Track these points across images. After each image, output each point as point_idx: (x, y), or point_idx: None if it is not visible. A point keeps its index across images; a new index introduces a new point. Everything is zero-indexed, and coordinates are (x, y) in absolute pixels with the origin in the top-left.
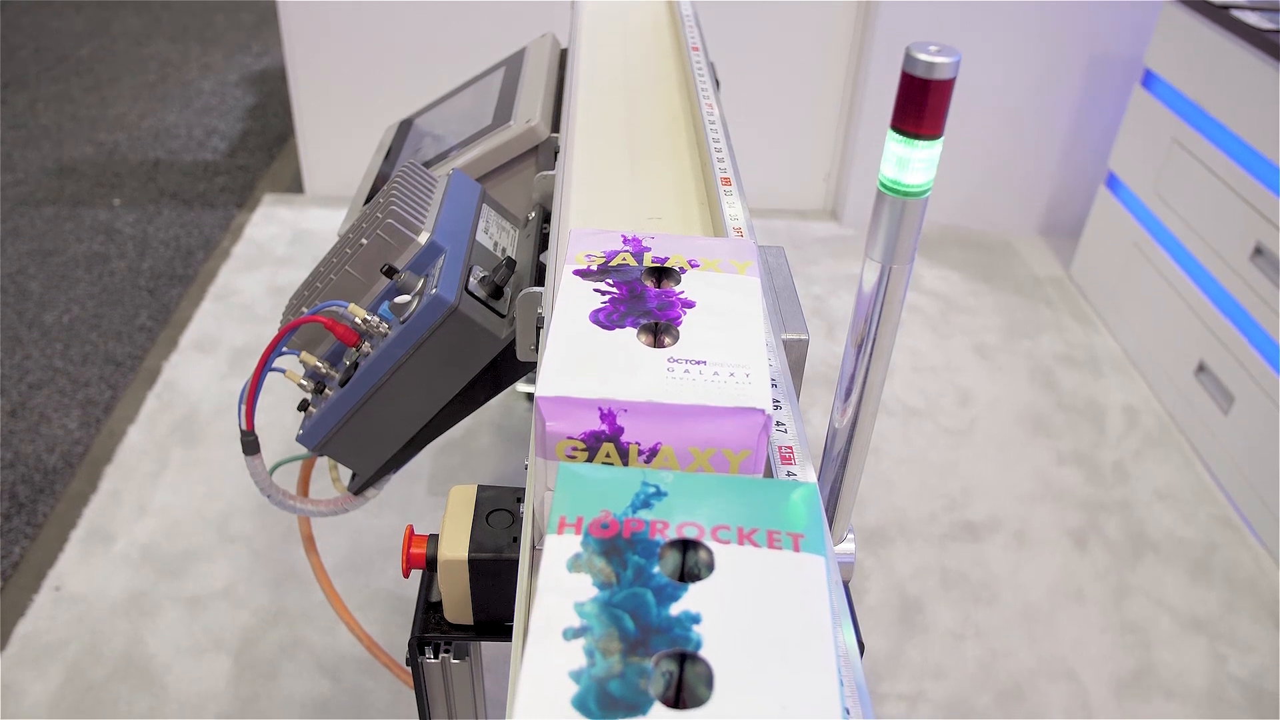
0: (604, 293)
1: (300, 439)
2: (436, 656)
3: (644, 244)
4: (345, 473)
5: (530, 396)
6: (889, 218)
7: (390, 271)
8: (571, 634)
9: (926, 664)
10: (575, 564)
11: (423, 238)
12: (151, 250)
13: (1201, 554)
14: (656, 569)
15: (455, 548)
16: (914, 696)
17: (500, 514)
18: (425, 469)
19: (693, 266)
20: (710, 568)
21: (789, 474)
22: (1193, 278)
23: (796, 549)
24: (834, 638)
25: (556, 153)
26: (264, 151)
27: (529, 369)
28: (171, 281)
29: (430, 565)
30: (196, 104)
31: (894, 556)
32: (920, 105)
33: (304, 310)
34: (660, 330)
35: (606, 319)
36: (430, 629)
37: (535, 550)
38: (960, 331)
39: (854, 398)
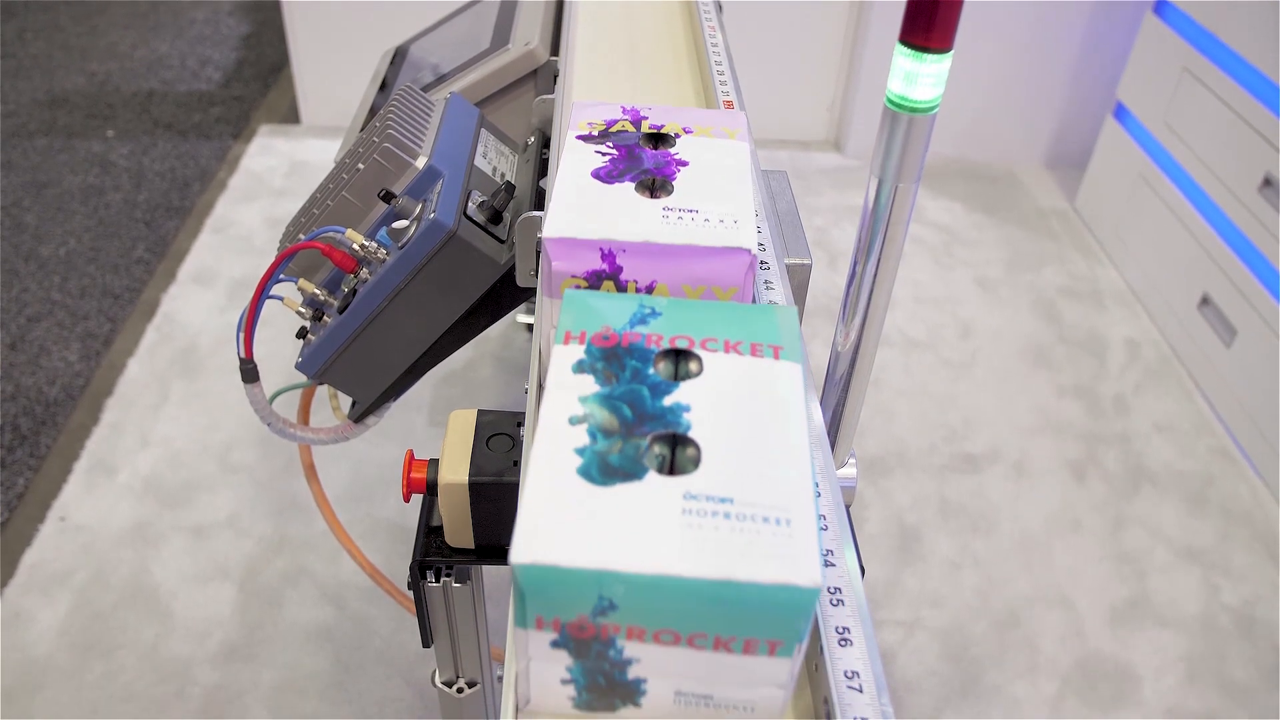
0: (604, 154)
1: (299, 366)
2: (438, 580)
3: (641, 113)
4: (345, 401)
5: (529, 327)
6: (896, 134)
7: (388, 196)
8: (576, 420)
9: (924, 592)
10: (579, 367)
11: (420, 162)
12: (147, 182)
13: (1199, 486)
14: (651, 370)
15: (456, 471)
16: (911, 623)
17: (500, 438)
18: (425, 399)
19: (686, 133)
20: (699, 372)
21: None
22: (1199, 210)
23: (776, 357)
24: (806, 428)
25: (556, 76)
26: (259, 81)
27: (528, 295)
28: (168, 213)
29: (431, 489)
30: (189, 33)
31: (893, 486)
32: (929, 16)
33: (301, 237)
34: (656, 185)
35: (607, 175)
36: (432, 553)
37: (540, 389)
38: (962, 263)
39: (857, 320)
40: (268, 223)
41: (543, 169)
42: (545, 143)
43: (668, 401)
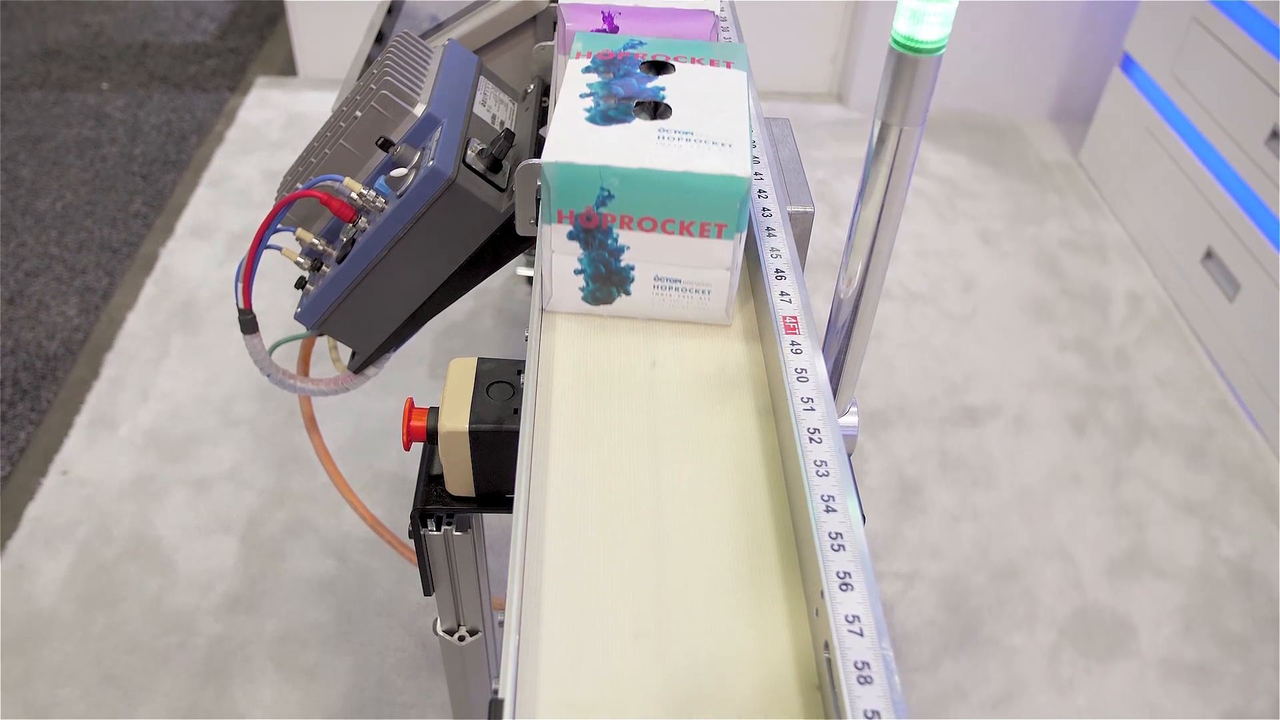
0: None
1: (298, 317)
2: (439, 528)
3: None
4: (345, 352)
5: (529, 280)
6: (901, 76)
7: (386, 144)
8: (584, 94)
9: (924, 544)
10: (586, 70)
11: (419, 109)
12: (143, 135)
13: (1199, 439)
14: (638, 70)
15: (456, 419)
16: (910, 575)
17: (500, 386)
18: (426, 352)
19: None
20: (672, 72)
21: (792, 344)
22: (1205, 163)
23: (729, 67)
24: (747, 104)
25: (555, 23)
26: (254, 33)
27: (528, 244)
28: (165, 167)
29: (431, 437)
30: None
31: (894, 440)
32: None
33: (299, 186)
34: None
35: None
36: (432, 501)
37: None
38: (965, 217)
39: (860, 265)
40: (265, 175)
41: (542, 117)
42: (545, 90)
43: (649, 85)
